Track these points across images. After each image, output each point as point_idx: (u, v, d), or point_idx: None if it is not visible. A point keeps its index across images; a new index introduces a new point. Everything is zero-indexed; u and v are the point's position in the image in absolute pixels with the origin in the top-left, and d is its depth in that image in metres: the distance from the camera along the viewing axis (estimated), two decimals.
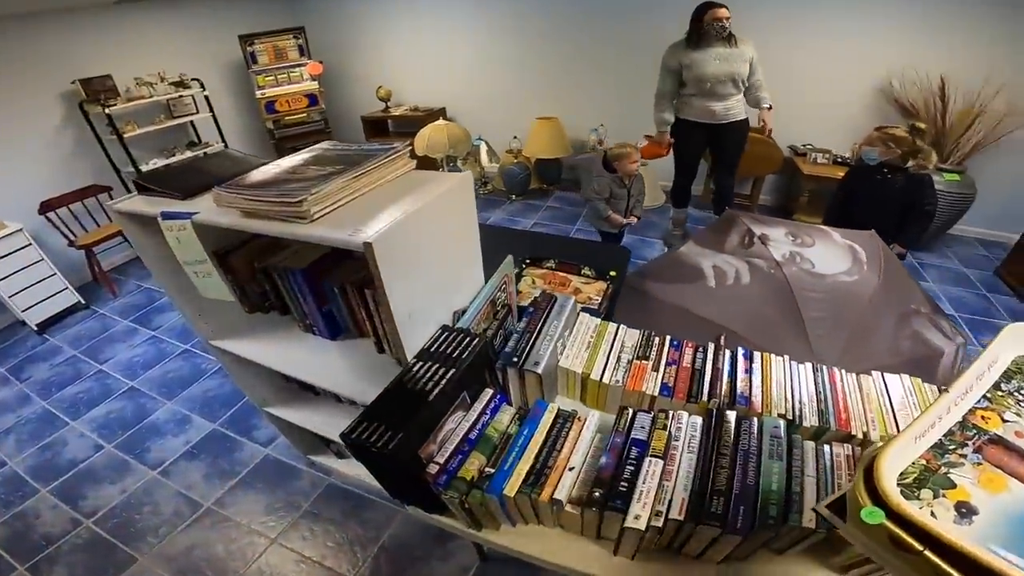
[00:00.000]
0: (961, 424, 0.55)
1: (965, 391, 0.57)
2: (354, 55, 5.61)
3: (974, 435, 0.54)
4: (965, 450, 0.52)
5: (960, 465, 0.51)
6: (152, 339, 3.21)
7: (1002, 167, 3.91)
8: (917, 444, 0.52)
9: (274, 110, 4.91)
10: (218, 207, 0.98)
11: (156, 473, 2.24)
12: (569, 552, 0.93)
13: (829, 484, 0.79)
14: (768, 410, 0.94)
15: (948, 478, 0.50)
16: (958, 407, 0.56)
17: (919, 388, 1.00)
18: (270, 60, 4.84)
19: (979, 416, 0.56)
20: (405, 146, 1.06)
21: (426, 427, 0.85)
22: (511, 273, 1.20)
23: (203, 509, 2.06)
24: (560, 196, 5.18)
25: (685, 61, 3.03)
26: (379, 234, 0.78)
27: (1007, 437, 0.53)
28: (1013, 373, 0.60)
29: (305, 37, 4.97)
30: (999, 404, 0.57)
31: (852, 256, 1.61)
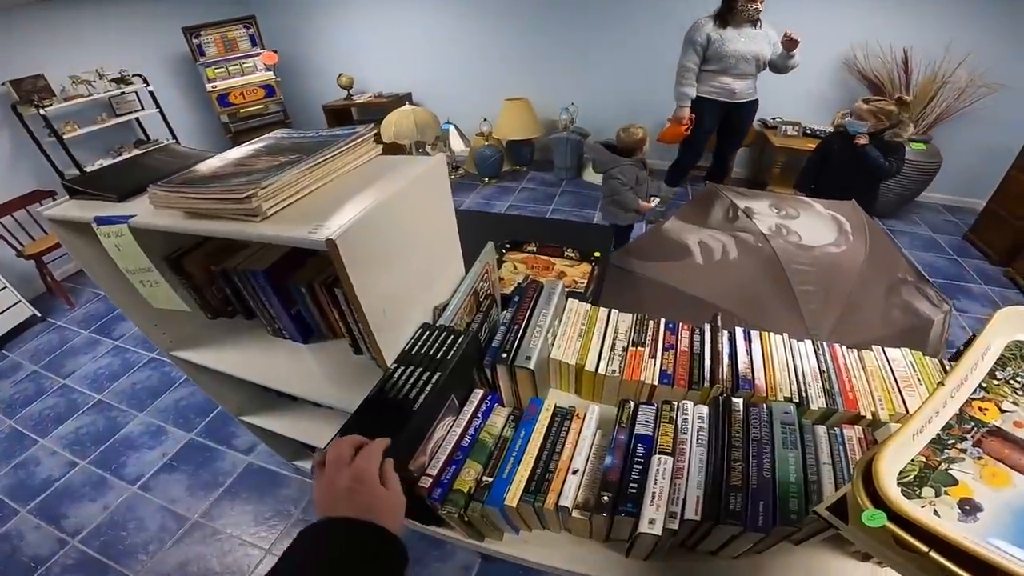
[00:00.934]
0: (959, 417, 0.53)
1: (960, 382, 0.55)
2: (312, 43, 5.39)
3: (973, 428, 0.52)
4: (965, 444, 0.51)
5: (960, 460, 0.49)
6: (115, 349, 3.06)
7: (965, 136, 4.02)
8: (915, 441, 0.50)
9: (228, 103, 4.67)
10: (156, 208, 0.87)
11: (136, 488, 2.15)
12: (578, 558, 0.88)
13: (845, 471, 0.75)
14: (773, 394, 0.89)
15: (949, 474, 0.48)
16: (955, 399, 0.54)
17: (920, 362, 0.96)
18: (220, 52, 4.60)
19: (976, 407, 0.54)
20: (369, 130, 0.95)
21: (414, 438, 0.77)
22: (492, 261, 1.12)
23: (190, 523, 1.98)
24: (534, 176, 5.13)
25: (714, 36, 3.00)
26: (343, 229, 0.69)
27: (1006, 428, 0.52)
28: (1008, 359, 0.58)
29: (257, 26, 4.73)
30: (996, 393, 0.55)
31: (837, 227, 1.58)
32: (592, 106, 4.97)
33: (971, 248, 3.81)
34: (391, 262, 0.84)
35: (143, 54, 4.41)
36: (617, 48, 4.67)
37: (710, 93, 3.28)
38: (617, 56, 4.71)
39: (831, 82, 4.32)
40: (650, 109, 4.88)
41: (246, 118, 4.80)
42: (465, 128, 5.12)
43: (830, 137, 2.82)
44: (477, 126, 4.93)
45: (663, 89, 4.67)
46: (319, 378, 1.12)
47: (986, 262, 3.59)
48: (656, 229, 1.82)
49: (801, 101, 4.45)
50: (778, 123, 4.36)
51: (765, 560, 0.83)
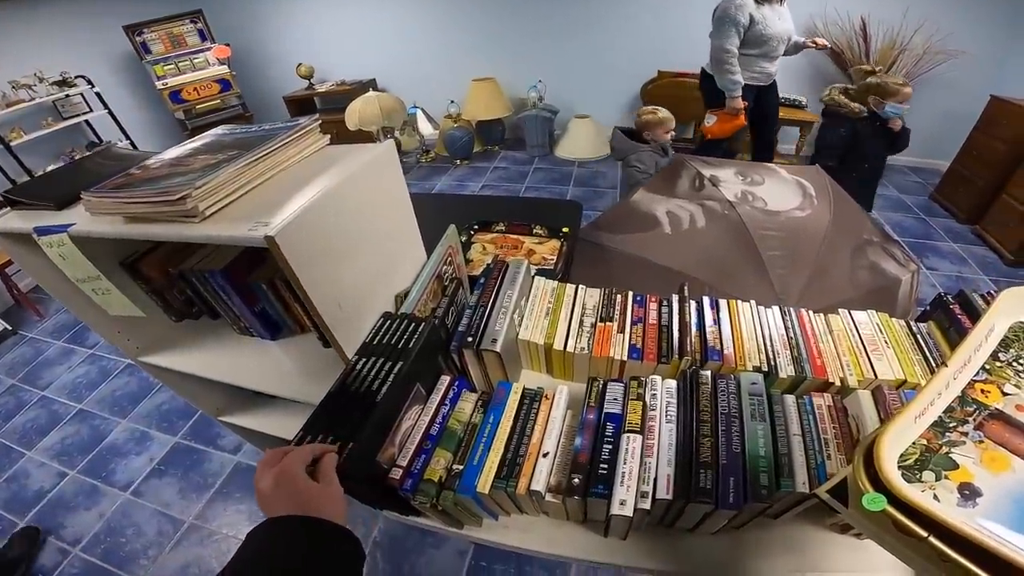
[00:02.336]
0: (961, 399, 0.52)
1: (963, 364, 0.54)
2: (266, 34, 5.21)
3: (974, 410, 0.51)
4: (966, 427, 0.50)
5: (962, 444, 0.49)
6: (91, 358, 3.01)
7: (926, 100, 4.11)
8: (917, 423, 0.50)
9: (181, 99, 4.52)
10: (93, 215, 0.82)
11: (128, 494, 2.15)
12: (558, 540, 0.87)
13: (816, 441, 0.75)
14: (743, 363, 0.89)
15: (950, 458, 0.48)
16: (957, 381, 0.53)
17: (887, 324, 0.97)
18: (167, 48, 4.44)
19: (979, 390, 0.53)
20: (313, 121, 0.91)
21: (381, 429, 0.75)
22: (456, 243, 1.10)
23: (186, 526, 2.00)
24: (506, 156, 5.10)
25: (756, 16, 2.72)
26: (285, 224, 0.66)
27: (1008, 411, 0.51)
28: (1011, 341, 0.57)
29: (204, 20, 4.57)
30: (998, 375, 0.54)
31: (802, 191, 1.58)
32: (560, 82, 4.93)
33: (937, 207, 3.91)
34: (343, 254, 0.82)
35: (84, 54, 4.24)
36: (581, 23, 4.61)
37: (750, 79, 2.96)
38: (582, 31, 4.66)
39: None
40: (618, 82, 4.86)
41: (203, 114, 4.65)
42: (433, 111, 5.06)
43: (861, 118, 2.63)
44: (445, 108, 4.86)
45: (629, 62, 4.68)
46: (290, 374, 1.10)
47: (953, 220, 3.69)
48: (625, 201, 1.81)
49: None
50: None
51: (743, 535, 0.84)
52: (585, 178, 4.50)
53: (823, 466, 0.72)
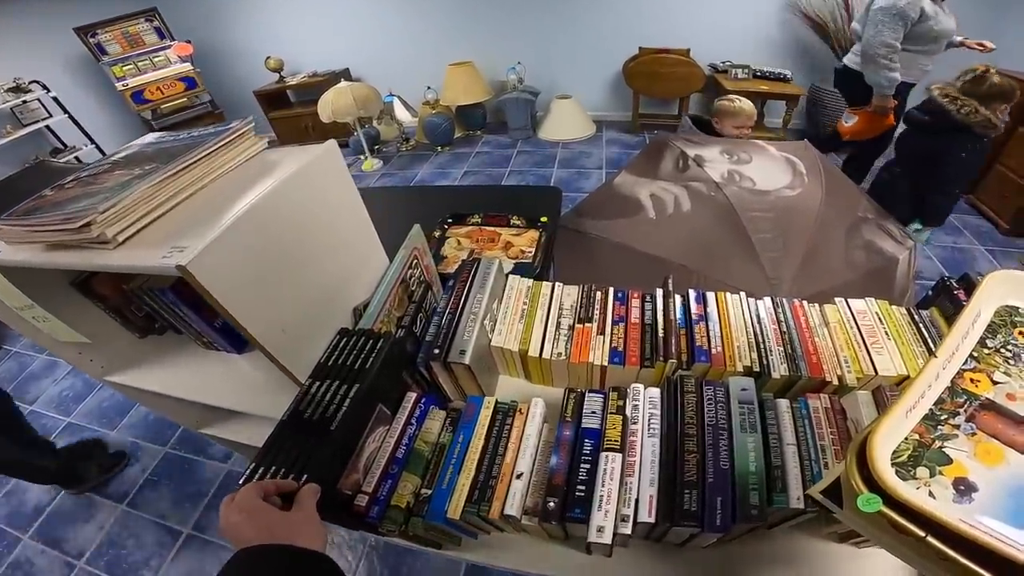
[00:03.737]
0: (951, 390, 0.51)
1: (952, 353, 0.53)
2: (229, 28, 5.00)
3: (965, 401, 0.50)
4: (958, 419, 0.48)
5: (954, 437, 0.47)
6: (75, 370, 2.88)
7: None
8: (908, 418, 0.48)
9: (144, 100, 4.37)
10: (9, 244, 0.73)
11: (124, 506, 2.13)
12: (539, 558, 0.82)
13: (812, 450, 0.69)
14: (732, 363, 0.82)
15: (943, 453, 0.46)
16: (946, 371, 0.52)
17: (887, 312, 0.91)
18: (124, 48, 4.29)
19: (968, 379, 0.51)
20: (245, 123, 0.82)
21: (341, 455, 0.69)
22: (422, 244, 1.01)
23: (184, 535, 1.98)
24: (488, 140, 4.99)
25: (929, 11, 2.41)
26: (201, 249, 0.57)
27: (999, 401, 0.49)
28: (998, 326, 0.56)
29: (161, 18, 4.41)
30: (987, 363, 0.53)
31: (792, 169, 1.49)
32: (540, 63, 4.82)
33: None
34: (282, 272, 0.73)
35: (38, 59, 4.10)
36: (559, 1, 4.49)
37: (908, 77, 2.61)
38: (559, 9, 4.54)
39: (776, 22, 4.28)
40: (599, 61, 4.75)
41: (170, 113, 4.52)
42: (410, 98, 4.93)
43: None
44: (422, 95, 4.72)
45: (609, 40, 4.56)
46: (257, 389, 1.03)
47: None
48: (606, 185, 1.72)
49: (749, 44, 4.40)
50: (728, 67, 4.32)
51: (736, 548, 0.78)
52: (570, 159, 4.39)
53: (820, 477, 0.67)
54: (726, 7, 4.24)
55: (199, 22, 4.86)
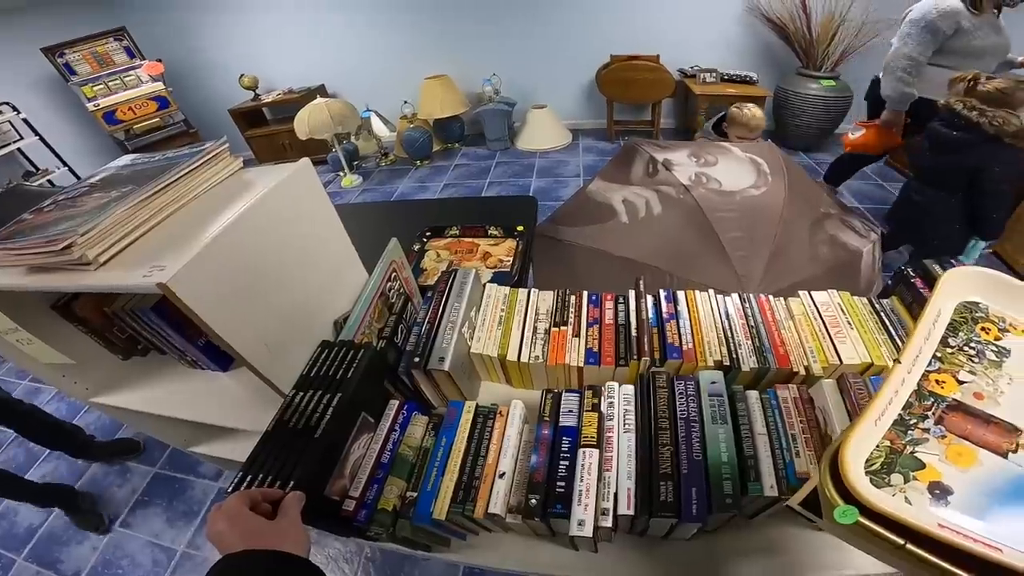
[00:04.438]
0: (918, 393, 0.51)
1: (915, 356, 0.53)
2: (200, 46, 4.95)
3: (933, 404, 0.50)
4: (927, 423, 0.49)
5: (925, 441, 0.48)
6: (58, 396, 2.88)
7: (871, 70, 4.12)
8: (878, 426, 0.48)
9: (117, 120, 4.31)
10: None
11: (117, 526, 2.11)
12: (528, 556, 0.84)
13: (783, 439, 0.72)
14: (703, 358, 0.85)
15: (916, 458, 0.47)
16: (912, 375, 0.52)
17: (849, 303, 0.95)
18: (93, 68, 4.23)
19: (934, 381, 0.52)
20: (219, 144, 0.84)
21: (326, 463, 0.71)
22: (400, 258, 1.04)
23: (179, 554, 1.97)
24: (467, 152, 5.02)
25: (965, 25, 2.21)
26: (182, 267, 0.59)
27: (966, 401, 0.50)
28: (959, 324, 0.56)
29: (130, 37, 4.35)
30: (951, 363, 0.53)
31: (756, 169, 1.55)
32: (515, 74, 4.88)
33: (893, 172, 4.00)
34: (261, 288, 0.75)
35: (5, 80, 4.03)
36: (531, 13, 4.56)
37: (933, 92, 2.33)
38: (532, 21, 4.61)
39: (740, 26, 4.40)
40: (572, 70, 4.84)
41: (144, 133, 4.45)
42: (387, 113, 4.93)
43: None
44: (399, 109, 4.73)
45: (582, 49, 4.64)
46: (245, 405, 1.04)
47: None
48: (580, 192, 1.77)
49: (715, 48, 4.51)
50: (696, 71, 4.42)
51: (719, 539, 0.81)
52: (548, 168, 4.45)
53: (792, 465, 0.70)
54: (692, 12, 4.35)
55: (169, 40, 4.81)
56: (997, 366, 0.53)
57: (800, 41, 4.13)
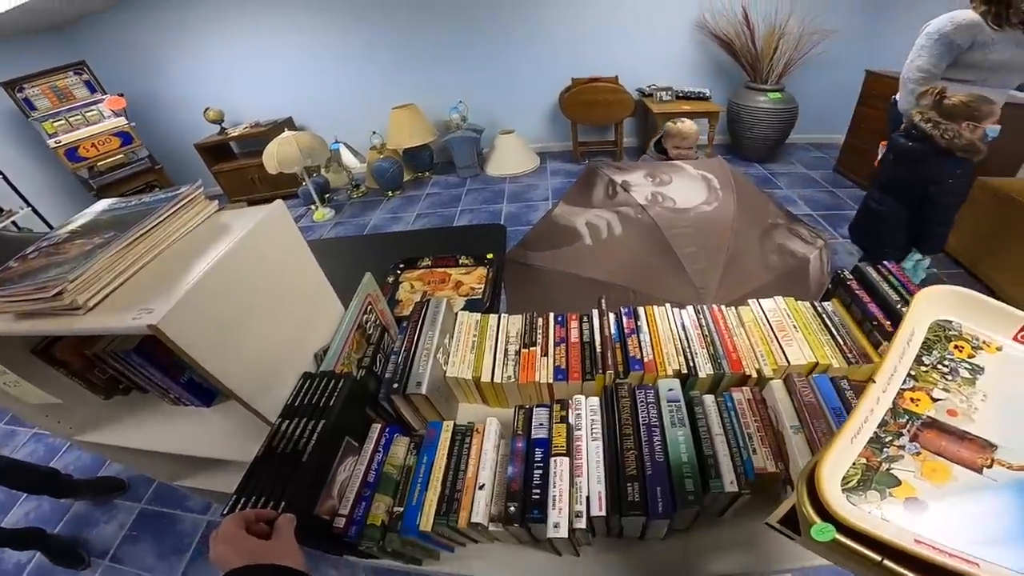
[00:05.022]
0: (893, 411, 0.52)
1: (890, 375, 0.54)
2: (163, 80, 4.91)
3: (907, 421, 0.52)
4: (902, 440, 0.50)
5: (900, 458, 0.49)
6: (35, 437, 2.82)
7: (813, 80, 4.48)
8: (854, 444, 0.50)
9: (79, 157, 4.20)
10: None
11: (107, 562, 2.07)
12: (514, 564, 0.89)
13: (740, 437, 0.79)
14: (663, 369, 0.92)
15: (891, 474, 0.48)
16: (887, 393, 0.53)
17: (794, 308, 1.03)
18: (53, 103, 4.13)
19: (908, 399, 0.53)
20: (194, 188, 0.88)
21: (314, 484, 0.75)
22: (374, 291, 1.09)
23: None
24: (437, 180, 5.07)
25: (981, 39, 2.17)
26: (169, 310, 0.63)
27: (940, 418, 0.51)
28: (933, 342, 0.57)
29: (90, 71, 4.28)
30: (925, 381, 0.54)
31: (707, 185, 1.66)
32: (481, 100, 4.99)
33: (842, 178, 4.22)
34: (244, 326, 0.80)
35: None
36: (494, 40, 4.70)
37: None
38: (495, 48, 4.75)
39: (691, 44, 4.62)
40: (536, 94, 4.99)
41: (108, 171, 4.34)
42: (356, 144, 4.97)
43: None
44: (368, 140, 4.79)
45: (544, 73, 4.78)
46: (231, 437, 1.07)
47: (857, 188, 3.99)
48: (547, 217, 1.85)
49: (669, 67, 4.72)
50: (653, 90, 4.58)
51: (693, 537, 0.87)
52: (518, 193, 4.54)
53: (750, 462, 0.77)
54: (646, 32, 4.56)
55: (131, 74, 4.75)
56: (971, 383, 0.54)
57: (746, 56, 4.34)
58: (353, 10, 4.54)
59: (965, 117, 1.89)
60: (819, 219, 3.59)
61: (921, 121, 1.96)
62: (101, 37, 4.60)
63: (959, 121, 1.89)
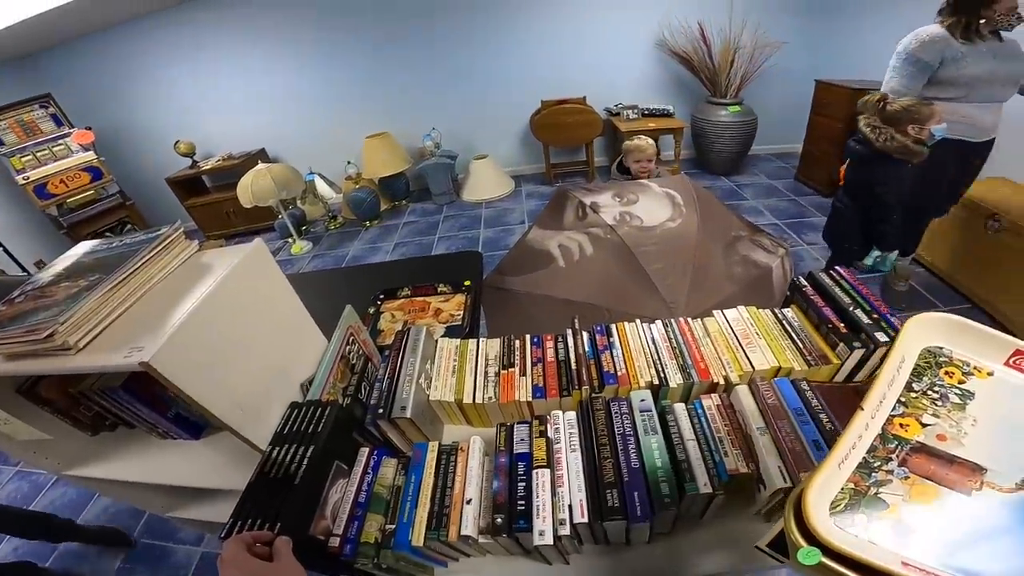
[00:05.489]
0: (882, 437, 0.53)
1: (879, 402, 0.55)
2: (132, 113, 4.83)
3: (896, 447, 0.52)
4: (891, 465, 0.50)
5: (889, 482, 0.49)
6: (18, 474, 2.75)
7: (767, 92, 4.68)
8: (841, 469, 0.50)
9: (49, 194, 4.09)
10: None
11: None
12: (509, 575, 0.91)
13: (711, 442, 0.85)
14: (636, 381, 0.97)
15: (879, 499, 0.48)
16: (875, 419, 0.54)
17: (755, 316, 1.10)
18: (20, 138, 4.03)
19: (897, 424, 0.54)
20: (174, 229, 0.92)
21: (307, 506, 0.78)
22: (356, 323, 1.12)
23: None
24: (414, 209, 5.10)
25: (950, 54, 2.11)
26: (160, 347, 0.67)
27: (929, 443, 0.52)
28: (923, 369, 0.58)
29: (56, 104, 4.19)
30: (915, 407, 0.55)
31: (671, 202, 1.75)
32: (454, 127, 5.05)
33: (803, 186, 4.40)
34: (231, 360, 0.83)
35: None
36: (463, 66, 4.80)
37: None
38: (465, 74, 4.84)
39: (652, 62, 4.80)
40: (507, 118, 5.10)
41: (78, 208, 4.24)
42: (331, 174, 4.96)
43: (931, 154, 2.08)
44: (344, 170, 4.80)
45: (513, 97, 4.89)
46: (222, 467, 1.09)
47: (818, 196, 4.17)
48: (521, 241, 1.91)
49: (634, 85, 4.88)
50: (620, 109, 4.73)
51: (676, 540, 0.91)
52: (495, 217, 4.59)
53: (722, 464, 0.82)
54: (610, 52, 4.72)
55: (98, 107, 4.67)
56: (961, 408, 0.54)
57: (705, 71, 4.50)
58: (321, 40, 4.59)
59: (907, 121, 1.98)
60: (784, 227, 3.72)
61: (864, 126, 2.08)
62: (66, 68, 4.52)
63: (903, 125, 1.99)
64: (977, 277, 2.66)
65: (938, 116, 1.98)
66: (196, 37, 4.49)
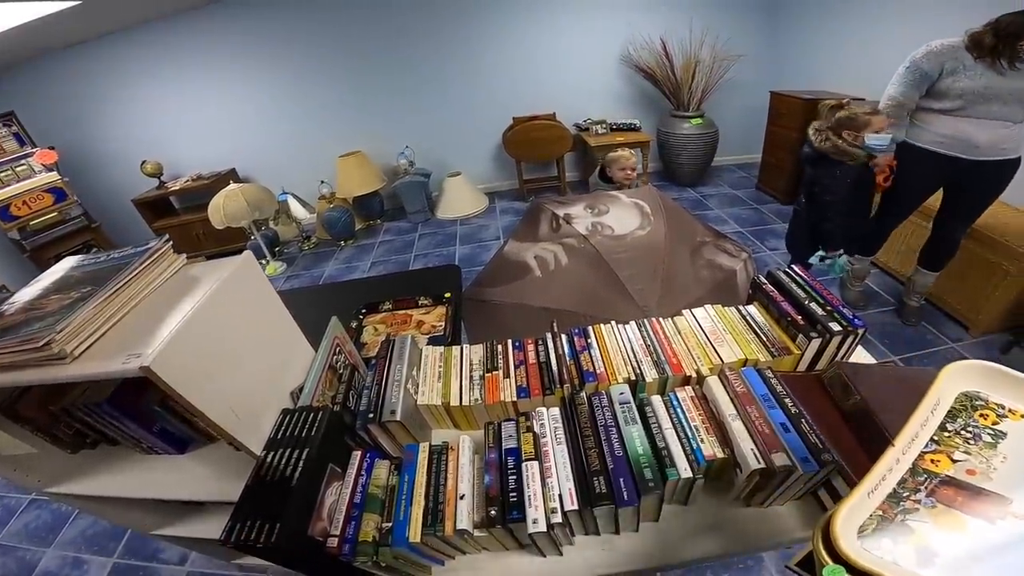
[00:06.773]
0: (912, 471, 0.55)
1: (910, 440, 0.57)
2: (96, 132, 4.73)
3: (925, 480, 0.53)
4: (919, 495, 0.52)
5: (916, 511, 0.51)
6: None
7: (728, 104, 4.91)
8: (871, 499, 0.52)
9: (11, 216, 3.94)
10: None
11: None
12: (506, 570, 0.94)
13: (688, 429, 0.91)
14: (614, 378, 1.03)
15: (906, 525, 0.50)
16: (907, 456, 0.56)
17: (722, 314, 1.18)
18: None
19: (928, 460, 0.55)
20: (163, 242, 0.95)
21: (305, 507, 0.80)
22: (341, 334, 1.16)
23: None
24: (389, 227, 5.11)
25: (950, 65, 2.09)
26: (158, 352, 0.69)
27: (959, 477, 0.53)
28: (958, 411, 0.59)
29: (19, 122, 4.09)
30: (947, 445, 0.56)
31: (640, 211, 1.83)
32: (427, 144, 5.11)
33: (764, 195, 4.62)
34: (225, 368, 0.86)
35: None
36: (435, 84, 4.87)
37: (930, 142, 2.28)
38: (437, 92, 4.92)
39: (618, 77, 4.98)
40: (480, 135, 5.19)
41: (42, 230, 4.10)
42: (304, 194, 4.95)
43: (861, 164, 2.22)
44: (317, 190, 4.79)
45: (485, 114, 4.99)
46: (208, 480, 1.09)
47: (778, 203, 4.38)
48: (498, 254, 1.97)
49: (602, 100, 5.05)
50: (589, 124, 4.89)
51: (663, 526, 0.96)
52: (470, 234, 4.65)
53: (699, 450, 0.88)
54: (578, 67, 4.88)
55: (62, 126, 4.56)
56: (992, 447, 0.55)
57: (668, 85, 4.69)
58: (292, 58, 4.61)
59: (846, 127, 2.11)
60: (748, 235, 3.89)
61: (811, 130, 2.23)
62: (30, 87, 4.41)
63: (841, 130, 2.11)
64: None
65: (876, 127, 2.07)
66: (163, 57, 4.46)
